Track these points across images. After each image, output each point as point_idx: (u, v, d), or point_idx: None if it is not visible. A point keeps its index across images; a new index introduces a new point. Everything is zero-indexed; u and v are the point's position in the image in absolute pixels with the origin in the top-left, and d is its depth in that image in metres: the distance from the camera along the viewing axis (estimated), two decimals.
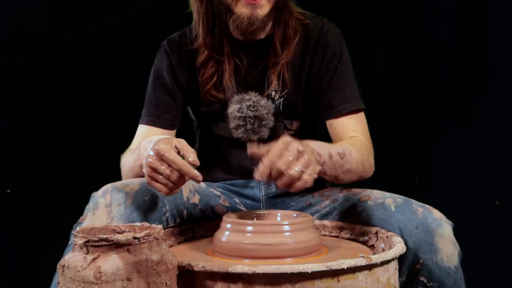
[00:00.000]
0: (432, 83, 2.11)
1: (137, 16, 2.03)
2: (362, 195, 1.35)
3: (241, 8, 1.34)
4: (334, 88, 1.45)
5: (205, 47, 1.44)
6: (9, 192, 1.94)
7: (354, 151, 1.31)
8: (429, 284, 1.21)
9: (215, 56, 1.44)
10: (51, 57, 1.95)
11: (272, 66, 1.44)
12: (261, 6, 1.34)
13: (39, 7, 1.93)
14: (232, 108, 1.41)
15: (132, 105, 1.97)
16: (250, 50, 1.46)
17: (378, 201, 1.30)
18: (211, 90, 1.45)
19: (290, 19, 1.44)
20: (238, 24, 1.36)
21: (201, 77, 1.46)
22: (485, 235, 2.01)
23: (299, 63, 1.47)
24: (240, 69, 1.46)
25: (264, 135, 1.41)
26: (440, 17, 2.09)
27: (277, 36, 1.43)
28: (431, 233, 1.20)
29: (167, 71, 1.48)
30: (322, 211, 1.42)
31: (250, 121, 1.40)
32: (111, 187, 1.25)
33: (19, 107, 1.94)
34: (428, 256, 1.20)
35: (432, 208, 1.26)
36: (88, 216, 1.22)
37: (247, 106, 1.40)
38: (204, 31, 1.43)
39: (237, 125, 1.40)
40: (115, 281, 0.87)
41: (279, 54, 1.43)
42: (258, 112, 1.40)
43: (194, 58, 1.47)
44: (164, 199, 1.29)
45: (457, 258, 1.22)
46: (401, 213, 1.24)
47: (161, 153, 1.11)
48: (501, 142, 2.02)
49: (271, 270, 0.96)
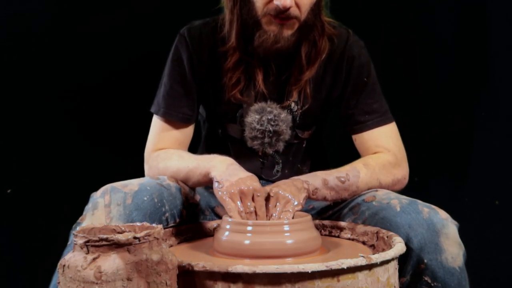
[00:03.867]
0: (432, 83, 2.11)
1: (135, 16, 2.03)
2: (367, 196, 1.34)
3: (270, 26, 1.32)
4: (362, 103, 1.45)
5: (238, 49, 1.39)
6: (9, 192, 1.94)
7: (365, 172, 1.35)
8: (433, 284, 1.20)
9: (247, 60, 1.40)
10: (51, 56, 1.95)
11: (294, 82, 1.42)
12: (290, 25, 1.32)
13: (39, 4, 1.93)
14: (251, 118, 1.40)
15: (132, 105, 1.98)
16: (276, 60, 1.42)
17: (383, 202, 1.30)
18: (236, 95, 1.42)
19: (320, 38, 1.40)
20: (263, 40, 1.34)
21: (229, 80, 1.41)
22: (485, 235, 2.01)
23: (320, 76, 1.46)
24: (268, 78, 1.43)
25: (279, 149, 1.44)
26: (441, 17, 2.09)
27: (304, 52, 1.39)
28: (437, 233, 1.20)
29: (186, 61, 1.44)
30: (330, 211, 1.42)
31: (269, 135, 1.40)
32: (110, 187, 1.25)
33: (19, 107, 1.94)
34: (433, 256, 1.20)
35: (438, 209, 1.25)
36: (87, 217, 1.22)
37: (268, 120, 1.39)
38: (237, 33, 1.37)
39: (254, 136, 1.41)
40: (115, 281, 0.87)
41: (304, 71, 1.40)
42: (278, 127, 1.40)
43: (219, 58, 1.42)
44: (164, 199, 1.28)
45: (462, 258, 1.22)
46: (406, 213, 1.24)
47: (257, 193, 1.19)
48: (501, 142, 2.02)
49: (271, 270, 0.96)
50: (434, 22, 2.09)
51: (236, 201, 1.19)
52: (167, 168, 1.39)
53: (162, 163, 1.41)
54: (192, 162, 1.36)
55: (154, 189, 1.28)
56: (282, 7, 1.28)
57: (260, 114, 1.40)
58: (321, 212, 1.44)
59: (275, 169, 1.49)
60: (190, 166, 1.35)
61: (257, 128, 1.39)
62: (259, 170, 1.48)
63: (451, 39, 2.08)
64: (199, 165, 1.33)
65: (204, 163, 1.32)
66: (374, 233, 1.25)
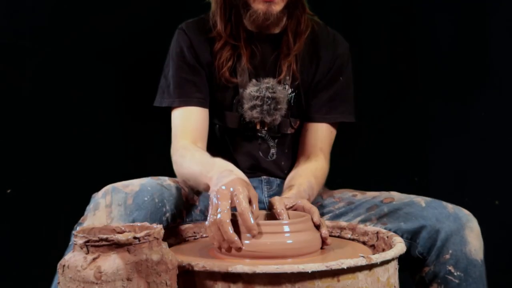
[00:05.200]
0: (432, 83, 2.11)
1: (135, 16, 2.03)
2: (383, 197, 1.40)
3: (258, 5, 1.41)
4: (329, 98, 1.53)
5: (223, 34, 1.48)
6: (9, 192, 1.94)
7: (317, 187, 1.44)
8: (456, 274, 1.27)
9: (232, 42, 1.49)
10: (53, 55, 1.95)
11: (284, 57, 1.49)
12: (276, 3, 1.41)
13: (39, 3, 1.93)
14: (250, 89, 1.47)
15: (132, 106, 1.98)
16: (265, 43, 1.51)
17: (405, 201, 1.36)
18: (225, 73, 1.48)
19: (302, 15, 1.50)
20: (254, 19, 1.43)
21: (218, 61, 1.49)
22: (484, 235, 2.01)
23: (307, 63, 1.53)
24: (255, 57, 1.51)
25: (276, 121, 1.49)
26: (441, 16, 2.09)
27: (290, 29, 1.49)
28: (462, 226, 1.28)
29: (188, 50, 1.50)
30: (336, 212, 1.44)
31: (267, 101, 1.46)
32: (112, 187, 1.26)
33: (19, 107, 1.94)
34: (458, 247, 1.27)
35: (460, 207, 1.33)
36: (88, 217, 1.23)
37: (266, 88, 1.46)
38: (222, 20, 1.48)
39: (253, 105, 1.47)
40: (115, 281, 0.87)
41: (291, 46, 1.49)
42: (276, 94, 1.47)
43: (211, 45, 1.50)
44: (164, 199, 1.29)
45: (483, 252, 1.30)
46: (432, 208, 1.32)
47: (234, 193, 1.11)
48: (501, 142, 2.02)
49: (271, 270, 0.97)
50: (434, 22, 2.10)
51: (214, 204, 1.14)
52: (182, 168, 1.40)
53: (179, 159, 1.42)
54: (198, 167, 1.33)
55: (155, 190, 1.28)
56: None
57: (257, 86, 1.47)
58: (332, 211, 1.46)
59: (271, 152, 1.54)
60: (196, 172, 1.33)
61: (256, 95, 1.46)
62: (256, 152, 1.53)
63: (451, 39, 2.08)
64: (201, 173, 1.31)
65: (205, 172, 1.29)
66: (374, 233, 1.26)
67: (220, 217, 1.08)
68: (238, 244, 1.08)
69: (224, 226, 1.07)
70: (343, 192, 1.50)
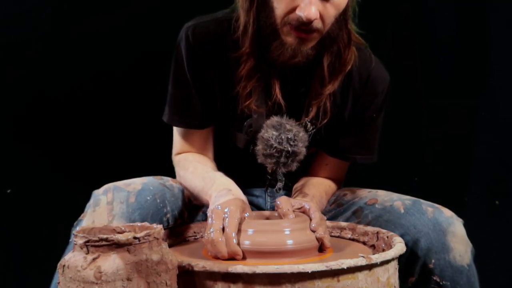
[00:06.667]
0: (432, 82, 2.11)
1: (135, 16, 2.03)
2: (368, 199, 1.35)
3: (288, 38, 1.19)
4: (359, 140, 1.41)
5: (253, 56, 1.25)
6: (9, 192, 1.94)
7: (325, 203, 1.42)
8: (442, 283, 1.21)
9: (262, 68, 1.26)
10: (50, 55, 1.95)
11: (314, 96, 1.30)
12: (310, 39, 1.20)
13: (39, 3, 1.93)
14: (268, 134, 1.22)
15: (133, 105, 1.98)
16: (292, 70, 1.29)
17: (386, 204, 1.30)
18: (251, 105, 1.29)
19: (345, 48, 1.28)
20: (280, 53, 1.21)
21: (242, 89, 1.28)
22: (484, 235, 2.01)
23: (339, 99, 1.35)
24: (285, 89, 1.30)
25: (293, 169, 1.26)
26: (441, 16, 2.09)
27: (326, 63, 1.27)
28: (443, 232, 1.21)
29: (189, 66, 1.32)
30: (327, 216, 1.41)
31: (286, 155, 1.22)
32: (113, 185, 1.25)
33: (19, 107, 1.93)
34: (440, 255, 1.20)
35: (442, 207, 1.26)
36: (88, 213, 1.22)
37: (287, 139, 1.22)
38: (252, 38, 1.24)
39: (270, 154, 1.23)
40: (115, 281, 0.87)
41: (325, 84, 1.28)
42: (296, 147, 1.22)
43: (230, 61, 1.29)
44: (166, 200, 1.28)
45: (470, 255, 1.23)
46: (410, 214, 1.24)
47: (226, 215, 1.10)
48: (501, 142, 2.02)
49: (271, 270, 0.97)
50: (434, 22, 2.10)
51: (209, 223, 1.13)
52: (185, 181, 1.38)
53: (182, 171, 1.40)
54: (200, 183, 1.32)
55: (157, 190, 1.27)
56: (305, 19, 1.15)
57: (278, 131, 1.22)
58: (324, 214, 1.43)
59: (277, 187, 1.38)
60: (198, 187, 1.32)
61: (274, 146, 1.21)
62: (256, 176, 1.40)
63: (451, 39, 2.08)
64: (202, 190, 1.30)
65: (206, 188, 1.28)
66: (375, 233, 1.26)
67: (213, 237, 1.09)
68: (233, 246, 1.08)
69: (216, 245, 1.08)
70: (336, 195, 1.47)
